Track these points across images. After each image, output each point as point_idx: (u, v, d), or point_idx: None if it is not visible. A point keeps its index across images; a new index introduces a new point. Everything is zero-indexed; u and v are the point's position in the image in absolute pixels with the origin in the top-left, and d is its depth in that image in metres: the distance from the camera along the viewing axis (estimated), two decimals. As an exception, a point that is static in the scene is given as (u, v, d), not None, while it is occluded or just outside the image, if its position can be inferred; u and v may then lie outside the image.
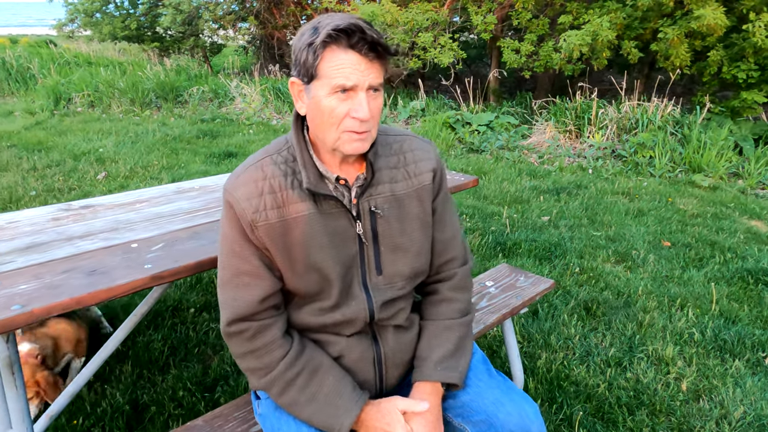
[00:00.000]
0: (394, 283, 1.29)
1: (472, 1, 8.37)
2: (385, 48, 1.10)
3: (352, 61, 1.09)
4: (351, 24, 1.07)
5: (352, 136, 1.14)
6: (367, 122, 1.13)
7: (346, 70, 1.09)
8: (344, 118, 1.12)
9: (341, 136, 1.14)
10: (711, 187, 5.19)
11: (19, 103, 8.96)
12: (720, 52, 6.74)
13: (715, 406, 2.19)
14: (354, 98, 1.11)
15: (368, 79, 1.10)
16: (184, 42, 13.71)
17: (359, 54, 1.09)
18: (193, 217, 1.86)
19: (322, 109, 1.13)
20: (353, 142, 1.15)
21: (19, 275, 1.42)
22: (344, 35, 1.07)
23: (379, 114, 1.18)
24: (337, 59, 1.09)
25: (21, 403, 1.52)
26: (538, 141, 6.72)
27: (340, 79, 1.09)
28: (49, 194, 4.44)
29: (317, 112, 1.14)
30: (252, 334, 1.21)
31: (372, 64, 1.11)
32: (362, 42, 1.08)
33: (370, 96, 1.13)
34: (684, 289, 3.12)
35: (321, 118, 1.14)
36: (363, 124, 1.13)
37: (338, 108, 1.11)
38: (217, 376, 2.30)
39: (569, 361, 2.45)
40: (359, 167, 1.26)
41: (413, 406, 1.21)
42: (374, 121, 1.16)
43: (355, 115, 1.11)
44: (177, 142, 6.51)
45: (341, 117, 1.12)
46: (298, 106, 1.20)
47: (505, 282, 2.25)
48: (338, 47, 1.09)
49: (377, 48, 1.09)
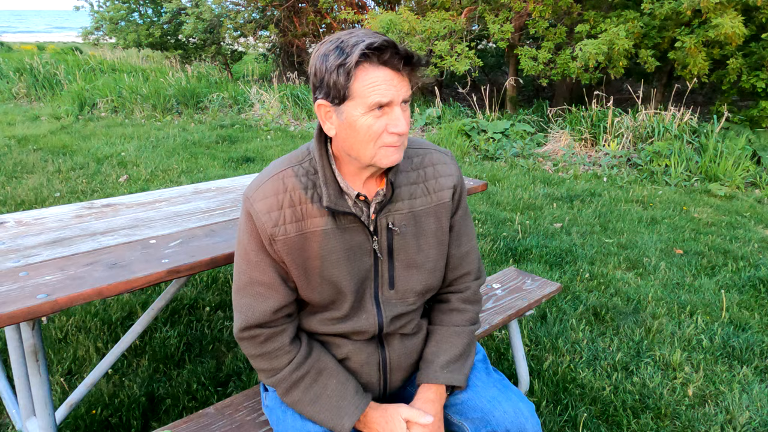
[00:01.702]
0: (405, 299, 1.32)
1: (489, 9, 8.43)
2: (419, 60, 1.11)
3: (386, 77, 1.09)
4: (384, 40, 1.07)
5: (389, 150, 1.15)
6: (403, 136, 1.16)
7: (381, 87, 1.09)
8: (382, 134, 1.13)
9: (378, 151, 1.15)
10: (727, 196, 5.16)
11: (46, 108, 9.21)
12: (739, 61, 6.70)
13: (720, 411, 2.21)
14: (390, 114, 1.12)
15: (402, 93, 1.12)
16: (205, 49, 13.99)
17: (392, 69, 1.09)
18: (209, 216, 1.94)
19: (358, 129, 1.13)
20: (391, 155, 1.16)
21: (45, 267, 1.50)
22: (377, 52, 1.07)
23: (409, 126, 1.19)
24: (371, 77, 1.09)
25: (44, 390, 1.61)
26: (553, 149, 6.74)
27: (376, 97, 1.09)
28: (73, 196, 4.58)
29: (351, 132, 1.14)
30: (264, 339, 1.25)
31: (404, 78, 1.12)
32: (395, 57, 1.08)
33: (403, 109, 1.14)
34: (694, 296, 3.13)
35: (356, 137, 1.14)
36: (402, 136, 1.15)
37: (375, 125, 1.12)
38: (230, 371, 2.37)
39: (576, 365, 2.48)
40: (379, 182, 1.27)
41: (418, 417, 1.24)
42: (407, 132, 1.18)
43: (394, 130, 1.12)
44: (196, 146, 6.64)
45: (379, 133, 1.13)
46: (326, 127, 1.19)
47: (512, 284, 2.29)
48: (370, 65, 1.09)
49: (411, 61, 1.10)
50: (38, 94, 10.16)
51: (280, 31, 12.20)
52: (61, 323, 2.67)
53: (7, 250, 1.61)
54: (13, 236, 1.71)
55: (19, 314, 1.29)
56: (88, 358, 2.43)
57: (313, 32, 12.73)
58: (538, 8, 7.65)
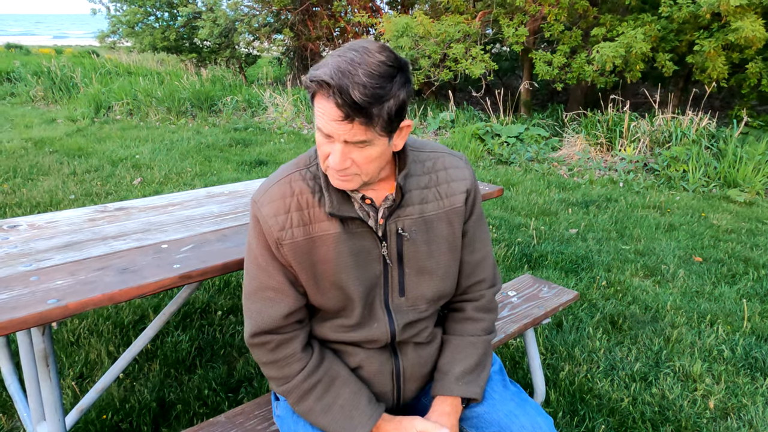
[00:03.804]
0: (417, 306, 1.28)
1: (504, 13, 8.38)
2: (360, 112, 1.00)
3: (329, 113, 1.02)
4: (327, 81, 1.00)
5: (334, 174, 1.12)
6: (347, 169, 1.10)
7: (323, 118, 1.04)
8: (326, 157, 1.11)
9: (327, 171, 1.13)
10: (747, 202, 5.06)
11: (62, 110, 9.31)
12: (759, 65, 6.59)
13: (743, 425, 2.14)
14: (332, 144, 1.08)
15: (344, 135, 1.04)
16: (220, 53, 14.08)
17: (337, 108, 1.01)
18: (222, 221, 1.92)
19: (316, 142, 1.12)
20: (335, 180, 1.13)
21: (56, 271, 1.49)
22: (325, 86, 1.01)
23: (371, 162, 1.10)
24: (319, 104, 1.04)
25: (55, 395, 1.59)
26: (569, 153, 6.66)
27: (320, 123, 1.06)
28: (87, 198, 4.60)
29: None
30: (274, 346, 1.22)
31: (349, 124, 1.02)
32: (336, 99, 1.00)
33: (353, 147, 1.07)
34: (715, 305, 3.06)
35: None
36: (340, 171, 1.10)
37: (323, 146, 1.10)
38: (241, 377, 2.35)
39: (593, 374, 2.43)
40: (388, 187, 1.23)
41: (433, 430, 1.20)
42: (361, 169, 1.11)
43: (329, 162, 1.10)
44: (210, 149, 6.66)
45: (324, 156, 1.11)
46: None
47: (527, 292, 2.24)
48: (323, 93, 1.03)
49: (349, 112, 1.00)
50: (55, 96, 10.27)
51: (295, 34, 12.24)
52: (73, 326, 2.67)
53: (19, 253, 1.60)
54: (25, 240, 1.71)
55: (30, 319, 1.27)
56: (100, 361, 2.42)
57: (327, 36, 12.76)
58: (554, 11, 7.59)
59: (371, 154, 1.09)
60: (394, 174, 1.24)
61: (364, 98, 0.99)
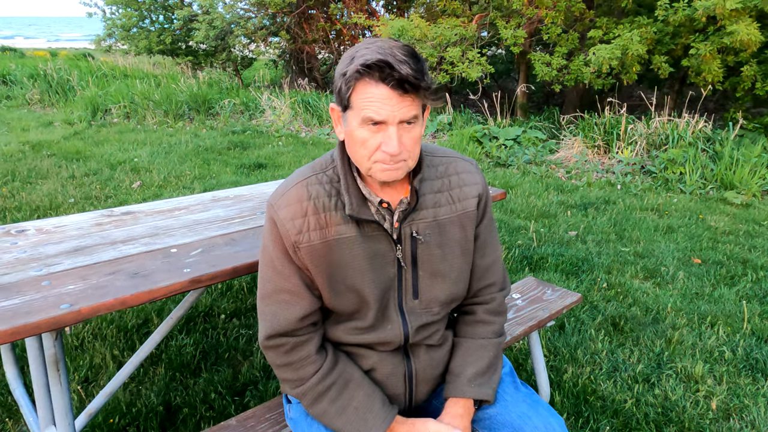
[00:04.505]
0: (430, 309, 1.30)
1: (500, 16, 8.42)
2: (414, 83, 1.05)
3: (382, 96, 1.06)
4: (380, 60, 1.04)
5: (384, 167, 1.13)
6: (399, 155, 1.12)
7: (375, 104, 1.06)
8: (375, 150, 1.12)
9: (373, 166, 1.14)
10: (743, 204, 5.10)
11: (59, 113, 9.28)
12: (754, 68, 6.65)
13: (746, 426, 2.16)
14: (385, 131, 1.09)
15: (399, 114, 1.07)
16: (216, 56, 14.06)
17: (389, 88, 1.05)
18: (229, 225, 1.92)
19: (355, 139, 1.13)
20: (385, 171, 1.14)
21: (67, 276, 1.49)
22: (374, 70, 1.05)
23: (416, 144, 1.15)
24: (367, 92, 1.07)
25: (65, 400, 1.59)
26: (566, 156, 6.70)
27: (370, 113, 1.07)
28: (87, 202, 4.60)
29: (351, 141, 1.14)
30: (289, 348, 1.23)
31: (403, 98, 1.07)
32: (391, 77, 1.05)
33: (403, 129, 1.10)
34: (714, 307, 3.08)
35: (354, 147, 1.14)
36: (394, 157, 1.11)
37: (370, 140, 1.11)
38: (246, 380, 2.36)
39: (596, 376, 2.44)
40: (403, 190, 1.25)
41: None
42: (410, 152, 1.14)
43: (385, 149, 1.10)
44: (209, 152, 6.66)
45: (373, 149, 1.12)
46: (338, 131, 1.20)
47: (532, 295, 2.26)
48: (369, 80, 1.06)
49: (403, 85, 1.05)
50: (51, 99, 10.23)
51: (291, 37, 12.24)
52: (76, 330, 2.66)
53: (29, 258, 1.60)
54: (34, 244, 1.71)
55: (44, 324, 1.28)
56: (105, 366, 2.42)
57: (323, 39, 12.78)
58: (551, 14, 7.64)
59: (416, 135, 1.14)
60: (408, 178, 1.26)
61: (411, 71, 1.04)
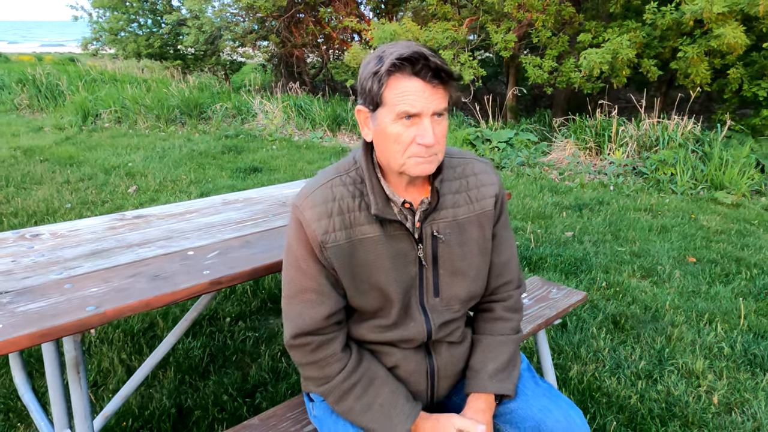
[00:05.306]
0: (451, 306, 1.33)
1: (491, 20, 8.50)
2: (449, 73, 1.12)
3: (416, 89, 1.11)
4: (414, 52, 1.10)
5: (418, 160, 1.16)
6: (433, 147, 1.15)
7: (410, 97, 1.11)
8: (410, 144, 1.15)
9: (407, 161, 1.17)
10: (734, 204, 5.20)
11: (48, 118, 9.21)
12: (740, 70, 6.78)
13: (747, 419, 2.22)
14: (419, 124, 1.14)
15: (432, 106, 1.13)
16: (205, 60, 14.03)
17: (423, 81, 1.11)
18: (243, 227, 1.94)
19: (388, 135, 1.16)
20: (419, 165, 1.17)
21: (89, 279, 1.50)
22: (408, 63, 1.10)
23: (445, 138, 1.19)
24: (401, 87, 1.12)
25: (84, 402, 1.60)
26: (558, 158, 6.78)
27: (405, 106, 1.12)
28: (84, 207, 4.58)
29: (383, 138, 1.17)
30: (315, 347, 1.26)
31: (436, 90, 1.12)
32: (426, 69, 1.10)
33: (434, 121, 1.14)
34: (711, 304, 3.15)
35: (387, 144, 1.17)
36: (429, 149, 1.15)
37: (404, 134, 1.14)
38: (256, 382, 2.37)
39: (600, 373, 2.49)
40: (424, 191, 1.28)
41: (470, 426, 1.24)
42: (440, 145, 1.18)
43: (421, 141, 1.13)
44: (203, 157, 6.65)
45: (407, 143, 1.15)
46: (365, 132, 1.23)
47: (537, 294, 2.30)
48: (402, 75, 1.11)
49: (441, 74, 1.11)
50: (41, 104, 10.15)
51: (280, 41, 12.25)
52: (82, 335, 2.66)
53: (48, 262, 1.61)
54: (51, 248, 1.72)
55: (71, 326, 1.29)
56: (113, 369, 2.42)
57: (312, 43, 12.79)
58: (541, 18, 7.73)
59: (445, 128, 1.19)
60: (428, 179, 1.29)
61: (441, 63, 1.11)
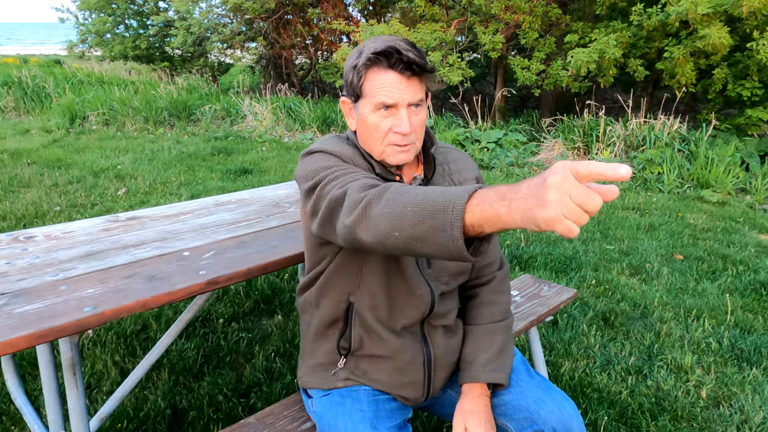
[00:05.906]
0: (440, 278, 1.37)
1: (479, 21, 8.55)
2: (421, 66, 1.19)
3: (391, 81, 1.19)
4: (389, 46, 1.17)
5: (395, 149, 1.24)
6: (409, 136, 1.23)
7: (386, 89, 1.20)
8: (388, 133, 1.23)
9: (386, 149, 1.25)
10: (719, 202, 5.28)
11: (35, 121, 9.12)
12: (725, 71, 6.87)
13: (735, 412, 2.26)
14: (396, 115, 1.22)
15: (408, 97, 1.20)
16: (192, 62, 13.97)
17: (398, 73, 1.19)
18: (236, 228, 1.95)
19: (368, 125, 1.24)
20: (397, 154, 1.25)
21: (84, 280, 1.51)
22: (383, 57, 1.18)
23: (423, 127, 1.27)
24: (378, 79, 1.20)
25: (81, 403, 1.60)
26: (547, 158, 6.83)
27: (382, 97, 1.20)
28: (73, 209, 4.55)
29: (364, 128, 1.26)
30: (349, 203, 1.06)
31: (411, 82, 1.20)
32: (399, 62, 1.18)
33: (411, 111, 1.22)
34: (699, 301, 3.20)
35: (368, 133, 1.26)
36: (405, 137, 1.23)
37: (382, 124, 1.23)
38: (250, 383, 2.38)
39: (591, 369, 2.52)
40: (415, 169, 1.37)
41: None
42: (417, 134, 1.25)
43: (398, 130, 1.21)
44: (193, 159, 6.63)
45: (385, 132, 1.23)
46: (350, 122, 1.34)
47: (529, 291, 2.33)
48: (378, 68, 1.20)
49: (413, 67, 1.18)
50: (27, 107, 10.05)
51: (268, 43, 12.23)
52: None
53: (43, 264, 1.61)
54: (45, 250, 1.72)
55: (69, 327, 1.30)
56: (107, 371, 2.42)
57: (301, 44, 12.78)
58: (528, 19, 7.79)
59: (422, 118, 1.25)
60: (418, 157, 1.37)
61: (417, 56, 1.18)
